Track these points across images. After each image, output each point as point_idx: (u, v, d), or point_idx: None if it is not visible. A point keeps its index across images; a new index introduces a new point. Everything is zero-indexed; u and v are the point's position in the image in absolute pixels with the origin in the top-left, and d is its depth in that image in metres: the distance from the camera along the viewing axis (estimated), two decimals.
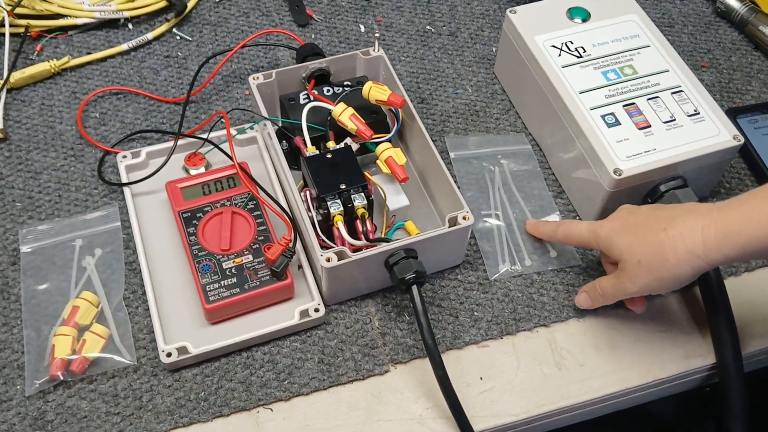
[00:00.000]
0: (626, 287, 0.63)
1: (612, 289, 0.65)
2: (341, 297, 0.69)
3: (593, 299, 0.67)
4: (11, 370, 0.64)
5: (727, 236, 0.57)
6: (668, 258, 0.59)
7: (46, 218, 0.73)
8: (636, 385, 0.67)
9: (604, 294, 0.66)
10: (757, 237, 0.56)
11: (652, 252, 0.60)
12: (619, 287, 0.64)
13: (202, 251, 0.68)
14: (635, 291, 0.63)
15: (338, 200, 0.67)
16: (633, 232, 0.62)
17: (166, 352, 0.64)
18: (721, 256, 0.57)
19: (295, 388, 0.64)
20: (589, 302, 0.68)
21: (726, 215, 0.57)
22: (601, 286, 0.66)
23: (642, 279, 0.61)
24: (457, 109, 0.84)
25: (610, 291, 0.65)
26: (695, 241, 0.58)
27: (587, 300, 0.68)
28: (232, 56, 0.87)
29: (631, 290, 0.63)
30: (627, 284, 0.63)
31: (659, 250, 0.60)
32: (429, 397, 0.65)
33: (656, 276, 0.60)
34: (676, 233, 0.59)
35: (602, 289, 0.66)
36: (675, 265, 0.59)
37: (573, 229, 0.68)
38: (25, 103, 0.82)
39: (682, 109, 0.73)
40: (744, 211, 0.57)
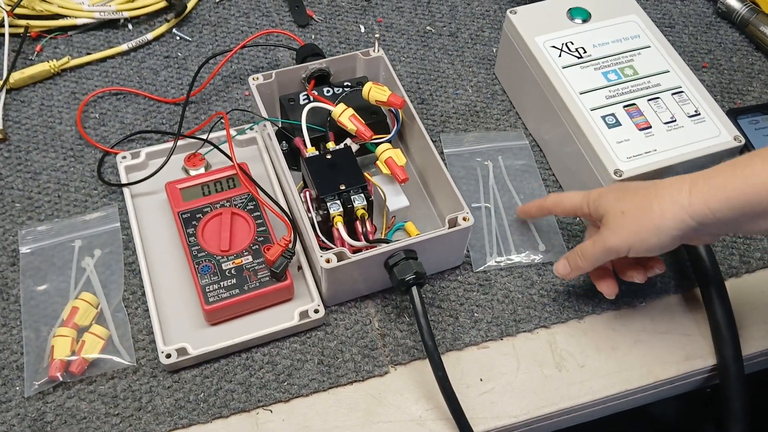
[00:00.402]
0: (607, 240, 0.61)
1: (593, 247, 0.63)
2: (341, 298, 0.69)
3: (573, 264, 0.66)
4: (10, 372, 0.64)
5: (713, 189, 0.56)
6: (653, 207, 0.58)
7: (46, 219, 0.73)
8: (636, 386, 0.67)
9: (584, 255, 0.64)
10: (743, 191, 0.55)
11: (637, 204, 0.59)
12: (600, 243, 0.62)
13: (202, 252, 0.68)
14: (616, 245, 0.61)
15: (338, 201, 0.67)
16: (623, 190, 0.62)
17: (165, 353, 0.63)
18: (706, 209, 0.56)
19: (294, 390, 0.64)
20: (568, 269, 0.66)
21: (714, 173, 0.57)
22: (582, 248, 0.64)
23: (624, 230, 0.60)
24: (457, 110, 0.84)
25: (591, 250, 0.63)
26: (681, 192, 0.57)
27: (566, 266, 0.66)
28: (231, 57, 0.87)
29: (611, 243, 0.61)
30: (608, 237, 0.61)
31: (645, 202, 0.59)
32: (429, 398, 0.65)
33: (639, 226, 0.59)
34: (665, 186, 0.59)
35: (582, 250, 0.64)
36: (659, 216, 0.58)
37: (564, 197, 0.68)
38: (24, 104, 0.82)
39: (683, 109, 0.73)
40: (730, 168, 0.56)
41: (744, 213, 0.56)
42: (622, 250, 0.61)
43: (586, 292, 0.71)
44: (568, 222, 0.75)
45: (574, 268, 0.66)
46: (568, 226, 0.75)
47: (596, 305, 0.70)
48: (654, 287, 0.71)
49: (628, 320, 0.70)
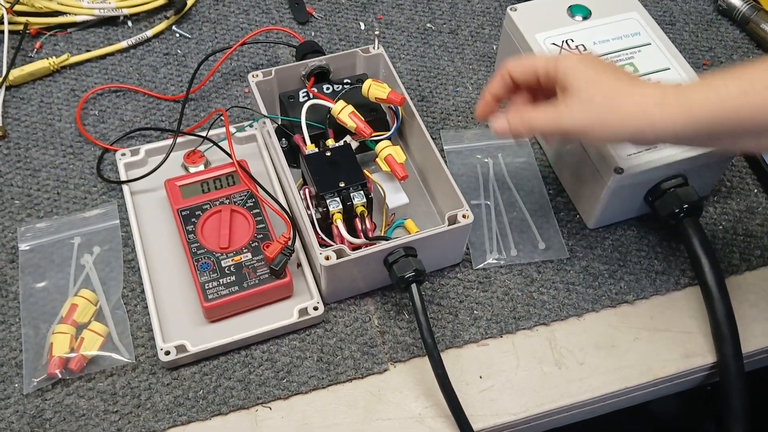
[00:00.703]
0: (563, 117, 0.58)
1: (544, 118, 0.59)
2: (340, 295, 0.69)
3: (513, 124, 0.62)
4: (9, 369, 0.64)
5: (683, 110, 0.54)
6: (621, 108, 0.56)
7: (45, 216, 0.73)
8: (636, 383, 0.66)
9: (530, 122, 0.60)
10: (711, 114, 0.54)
11: (608, 87, 0.57)
12: (554, 116, 0.59)
13: (201, 249, 0.68)
14: (570, 126, 0.58)
15: (337, 198, 0.67)
16: (600, 68, 0.59)
17: (164, 350, 0.63)
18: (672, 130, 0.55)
19: (294, 387, 0.64)
20: (506, 126, 0.62)
21: (687, 90, 0.55)
22: (530, 116, 0.60)
23: (586, 118, 0.57)
24: (457, 107, 0.84)
25: (541, 120, 0.60)
26: (655, 92, 0.56)
27: (503, 124, 0.62)
28: (231, 54, 0.87)
29: (566, 122, 0.58)
30: (566, 116, 0.58)
31: (617, 86, 0.57)
32: (428, 395, 0.65)
33: (602, 121, 0.57)
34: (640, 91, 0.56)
35: (531, 117, 0.60)
36: (623, 119, 0.56)
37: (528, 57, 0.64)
38: (24, 101, 0.82)
39: None
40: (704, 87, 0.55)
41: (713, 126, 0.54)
42: (571, 133, 0.59)
43: (586, 289, 0.71)
44: (569, 220, 0.75)
45: (514, 132, 0.62)
46: (568, 224, 0.75)
47: (596, 303, 0.70)
48: (654, 284, 0.71)
49: (627, 318, 0.70)
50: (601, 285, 0.71)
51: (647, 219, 0.76)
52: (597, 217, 0.73)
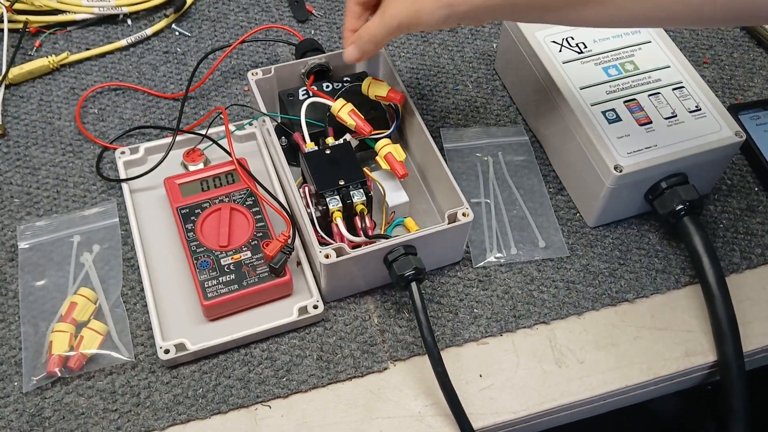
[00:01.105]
0: (386, 11, 0.62)
1: (374, 22, 0.63)
2: (340, 294, 0.69)
3: (362, 48, 0.66)
4: (8, 367, 0.64)
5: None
6: None
7: (44, 214, 0.73)
8: (636, 382, 0.66)
9: (369, 32, 0.64)
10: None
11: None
12: (379, 15, 0.63)
13: (201, 247, 0.68)
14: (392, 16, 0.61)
15: (337, 196, 0.66)
16: None
17: (164, 348, 0.63)
18: None
19: (293, 385, 0.64)
20: (357, 52, 0.66)
21: None
22: (366, 27, 0.64)
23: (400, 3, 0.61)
24: (457, 105, 0.84)
25: (373, 26, 0.63)
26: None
27: (354, 51, 0.66)
28: (231, 52, 0.86)
29: (389, 15, 0.62)
30: (387, 8, 0.62)
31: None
32: (428, 394, 0.64)
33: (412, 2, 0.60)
34: None
35: (365, 30, 0.64)
36: None
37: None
38: (23, 99, 0.82)
39: (684, 105, 0.72)
40: None
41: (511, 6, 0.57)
42: (400, 23, 0.61)
43: (586, 288, 0.71)
44: (569, 218, 0.75)
45: (363, 52, 0.66)
46: (568, 222, 0.75)
47: (596, 301, 0.70)
48: (654, 282, 0.71)
49: (627, 316, 0.70)
50: (601, 283, 0.71)
51: (647, 217, 0.75)
52: (597, 215, 0.73)
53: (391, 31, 0.63)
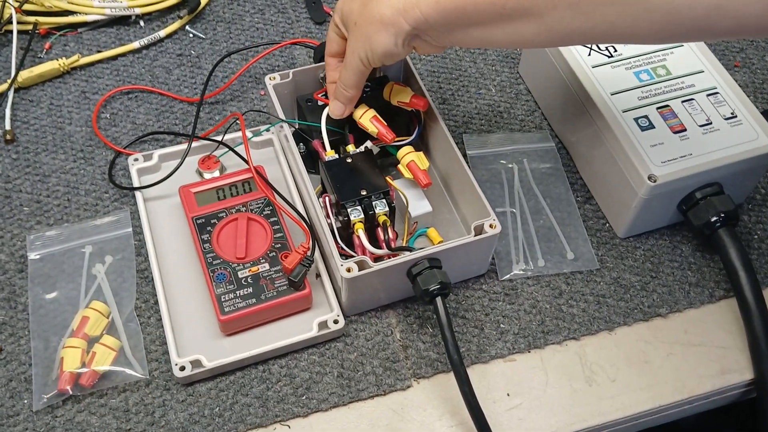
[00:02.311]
0: (350, 51, 0.61)
1: (344, 66, 0.63)
2: (361, 308, 0.66)
3: (341, 98, 0.66)
4: (18, 384, 0.62)
5: None
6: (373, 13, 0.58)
7: (55, 223, 0.71)
8: (670, 401, 0.64)
9: (342, 81, 0.64)
10: None
11: (365, 12, 0.59)
12: (347, 60, 0.62)
13: (217, 259, 0.65)
14: (353, 54, 0.61)
15: (359, 207, 0.64)
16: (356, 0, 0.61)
17: (179, 365, 0.61)
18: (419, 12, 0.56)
19: (313, 404, 0.62)
20: (341, 107, 0.67)
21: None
22: (339, 76, 0.65)
23: (356, 39, 0.60)
24: (480, 110, 0.81)
25: (345, 70, 0.63)
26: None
27: (338, 106, 0.67)
28: (247, 55, 0.84)
29: (349, 53, 0.62)
30: (349, 49, 0.61)
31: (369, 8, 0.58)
32: (453, 414, 0.62)
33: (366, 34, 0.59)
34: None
35: (340, 78, 0.64)
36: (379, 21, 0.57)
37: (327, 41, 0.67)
38: (33, 103, 0.80)
39: (719, 111, 0.70)
40: None
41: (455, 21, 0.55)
42: (360, 57, 0.61)
43: (617, 302, 0.68)
44: (598, 229, 0.72)
45: (345, 101, 0.66)
46: (597, 233, 0.72)
47: (627, 316, 0.67)
48: (687, 296, 0.68)
49: (660, 332, 0.67)
50: (632, 297, 0.68)
51: (679, 228, 0.73)
52: (628, 226, 0.70)
53: (356, 68, 0.62)
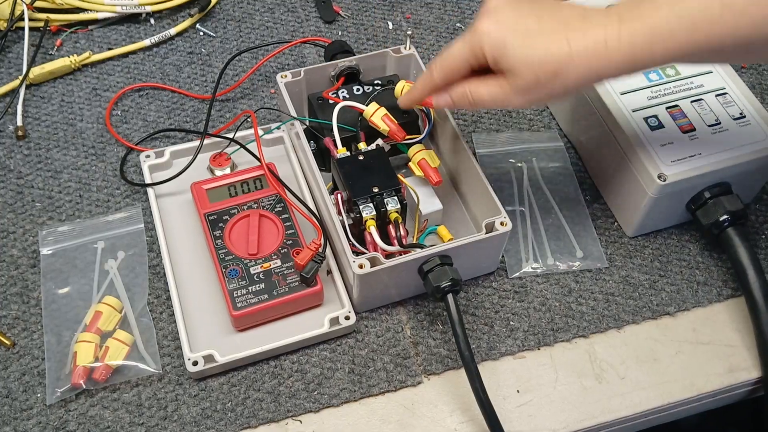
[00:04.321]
0: (511, 101, 0.56)
1: (490, 98, 0.57)
2: (372, 304, 0.67)
3: (457, 101, 0.59)
4: (31, 378, 0.62)
5: (632, 56, 0.52)
6: (569, 75, 0.53)
7: (67, 219, 0.71)
8: (679, 399, 0.64)
9: (476, 102, 0.58)
10: (662, 56, 0.52)
11: (552, 68, 0.53)
12: (502, 99, 0.56)
13: (229, 255, 0.65)
14: (520, 105, 0.57)
15: (371, 204, 0.64)
16: (530, 40, 0.54)
17: (192, 360, 0.61)
18: (619, 72, 0.53)
19: (325, 399, 0.62)
20: (449, 102, 0.60)
21: (629, 29, 0.52)
22: (476, 93, 0.57)
23: (533, 95, 0.55)
24: (488, 110, 0.81)
25: (487, 101, 0.57)
26: (600, 59, 0.52)
27: (446, 100, 0.60)
28: (258, 54, 0.84)
29: (515, 104, 0.56)
30: (513, 98, 0.56)
31: (561, 67, 0.53)
32: (464, 410, 0.62)
33: (548, 92, 0.55)
34: (581, 48, 0.52)
35: (476, 96, 0.57)
36: (572, 82, 0.54)
37: (448, 54, 0.58)
38: (44, 100, 0.80)
39: (728, 112, 0.70)
40: (649, 26, 0.51)
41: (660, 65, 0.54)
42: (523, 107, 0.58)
43: (626, 300, 0.68)
44: (607, 228, 0.73)
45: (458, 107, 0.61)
46: (606, 231, 0.72)
47: (636, 314, 0.68)
48: (696, 295, 0.69)
49: (669, 330, 0.67)
50: (641, 296, 0.68)
51: (687, 227, 0.73)
52: (637, 225, 0.70)
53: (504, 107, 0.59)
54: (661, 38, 0.51)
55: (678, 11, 0.51)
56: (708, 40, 0.50)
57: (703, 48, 0.51)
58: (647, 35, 0.51)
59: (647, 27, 0.51)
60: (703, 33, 0.50)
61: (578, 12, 0.54)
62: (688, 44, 0.51)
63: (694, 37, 0.50)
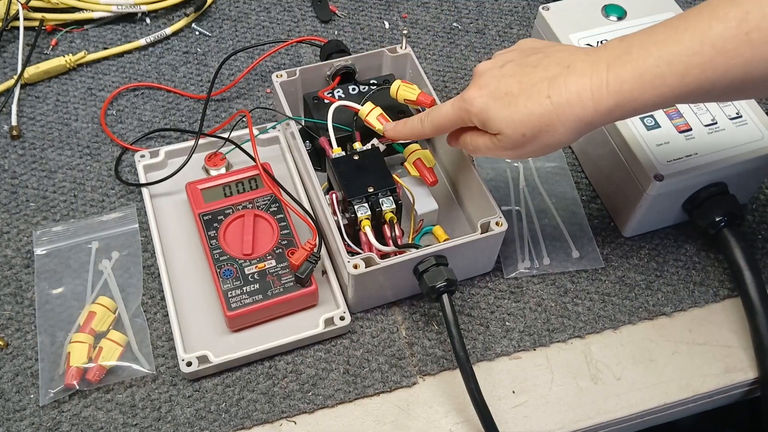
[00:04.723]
0: (506, 155, 0.58)
1: (487, 150, 0.58)
2: (367, 305, 0.67)
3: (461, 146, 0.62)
4: (24, 378, 0.62)
5: (620, 103, 0.51)
6: (556, 128, 0.53)
7: (61, 219, 0.71)
8: (675, 400, 0.64)
9: (476, 151, 0.60)
10: (653, 102, 0.51)
11: (537, 125, 0.54)
12: (498, 153, 0.58)
13: (224, 255, 0.65)
14: (515, 157, 0.58)
15: (366, 204, 0.64)
16: (511, 103, 0.55)
17: (186, 360, 0.61)
18: (611, 119, 0.53)
19: (319, 400, 0.62)
20: (455, 144, 0.62)
21: (617, 76, 0.51)
22: (475, 143, 0.59)
23: (526, 150, 0.56)
24: None
25: (484, 151, 0.59)
26: (586, 109, 0.52)
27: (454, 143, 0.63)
28: (253, 53, 0.84)
29: (511, 157, 0.59)
30: (508, 153, 0.57)
31: (546, 123, 0.53)
32: (459, 411, 0.62)
33: (541, 145, 0.55)
34: (563, 101, 0.53)
35: (475, 145, 0.59)
36: (563, 134, 0.54)
37: (438, 114, 0.61)
38: (39, 99, 0.80)
39: (724, 112, 0.70)
40: (638, 72, 0.51)
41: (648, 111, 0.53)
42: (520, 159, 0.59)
43: (622, 300, 0.68)
44: (603, 228, 0.72)
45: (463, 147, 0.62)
46: (602, 232, 0.72)
47: (632, 314, 0.67)
48: (692, 295, 0.69)
49: (665, 330, 0.67)
50: (637, 296, 0.68)
51: (684, 227, 0.73)
52: (633, 225, 0.70)
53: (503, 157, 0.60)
54: (651, 84, 0.51)
55: (668, 57, 0.50)
56: (699, 83, 0.50)
57: (694, 92, 0.50)
58: (636, 81, 0.51)
59: (636, 73, 0.51)
60: (694, 77, 0.50)
61: (564, 62, 0.54)
62: (680, 88, 0.50)
63: (685, 81, 0.50)
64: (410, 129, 0.64)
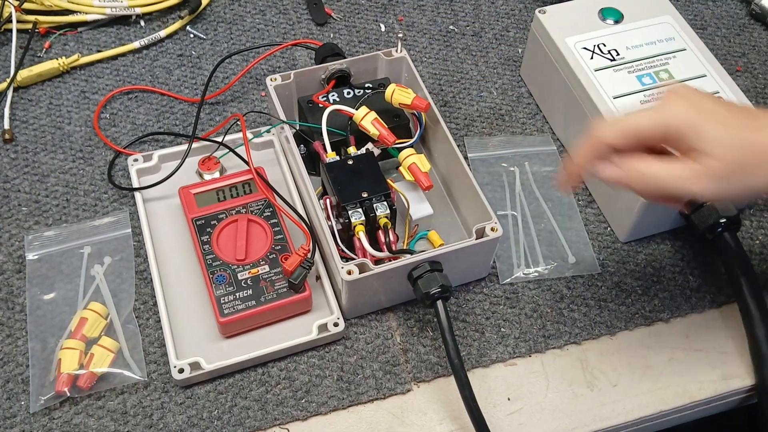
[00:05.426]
0: (698, 186, 0.49)
1: (669, 178, 0.50)
2: (361, 311, 0.66)
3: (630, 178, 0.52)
4: (15, 385, 0.61)
5: None
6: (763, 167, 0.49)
7: (53, 224, 0.70)
8: (672, 406, 0.63)
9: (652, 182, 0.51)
10: None
11: (749, 155, 0.48)
12: (685, 182, 0.49)
13: (217, 261, 0.65)
14: (706, 193, 0.49)
15: (360, 209, 0.64)
16: (722, 123, 0.49)
17: (178, 367, 0.60)
18: None
19: (312, 407, 0.61)
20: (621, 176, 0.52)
21: None
22: (651, 171, 0.50)
23: (732, 183, 0.49)
24: (481, 113, 0.81)
25: (668, 180, 0.50)
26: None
27: (617, 173, 0.52)
28: (247, 56, 0.84)
29: (701, 190, 0.49)
30: (703, 183, 0.49)
31: (758, 156, 0.48)
32: (454, 418, 0.61)
33: (743, 184, 0.49)
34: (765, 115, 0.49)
35: (656, 174, 0.50)
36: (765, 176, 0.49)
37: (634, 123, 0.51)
38: (32, 103, 0.79)
39: None
40: None
41: None
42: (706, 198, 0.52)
43: (619, 306, 0.67)
44: (599, 233, 0.72)
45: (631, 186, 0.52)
46: (599, 237, 0.72)
47: (629, 321, 0.67)
48: (689, 301, 0.68)
49: (662, 337, 0.67)
50: (634, 302, 0.68)
51: (681, 232, 0.72)
52: (630, 230, 0.70)
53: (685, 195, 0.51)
54: None
55: None
56: None
57: None
58: None
59: None
60: None
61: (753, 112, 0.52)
62: None
63: None
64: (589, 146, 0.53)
